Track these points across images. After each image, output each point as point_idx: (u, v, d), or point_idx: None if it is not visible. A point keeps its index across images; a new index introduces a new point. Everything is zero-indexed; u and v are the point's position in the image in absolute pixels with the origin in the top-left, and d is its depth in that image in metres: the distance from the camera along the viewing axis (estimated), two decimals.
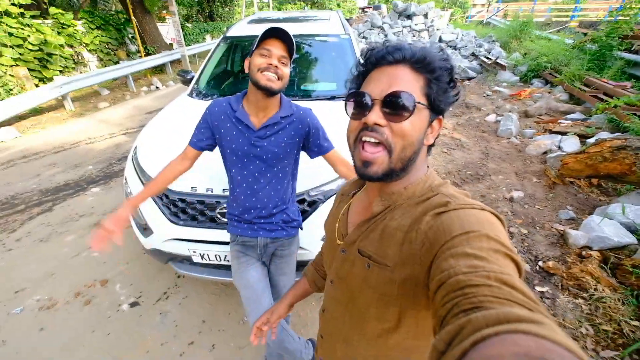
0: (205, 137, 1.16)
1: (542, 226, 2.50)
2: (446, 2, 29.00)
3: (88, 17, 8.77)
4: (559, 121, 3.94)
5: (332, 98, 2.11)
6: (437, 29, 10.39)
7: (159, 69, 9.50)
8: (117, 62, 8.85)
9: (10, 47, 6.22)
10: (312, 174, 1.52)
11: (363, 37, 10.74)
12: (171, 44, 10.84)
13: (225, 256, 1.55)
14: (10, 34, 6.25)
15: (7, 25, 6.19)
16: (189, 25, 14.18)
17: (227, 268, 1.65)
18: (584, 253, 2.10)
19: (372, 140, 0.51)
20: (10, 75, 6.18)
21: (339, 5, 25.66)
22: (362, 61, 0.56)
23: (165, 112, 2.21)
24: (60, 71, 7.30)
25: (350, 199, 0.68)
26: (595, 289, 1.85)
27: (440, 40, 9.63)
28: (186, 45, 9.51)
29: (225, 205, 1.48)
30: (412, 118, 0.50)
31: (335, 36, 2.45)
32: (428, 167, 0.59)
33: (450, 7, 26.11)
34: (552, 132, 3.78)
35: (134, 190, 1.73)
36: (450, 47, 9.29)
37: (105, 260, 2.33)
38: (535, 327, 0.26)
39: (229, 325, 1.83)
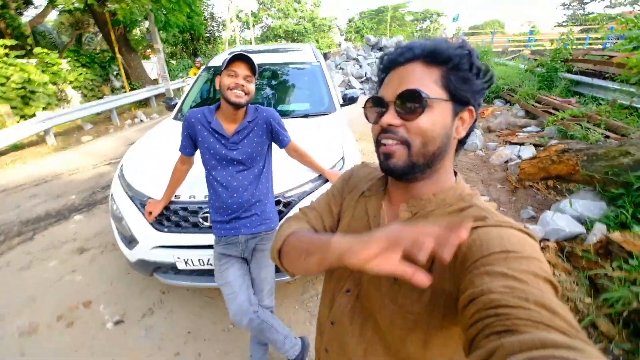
0: (189, 144, 1.34)
1: None
2: (416, 36, 31.62)
3: (73, 55, 9.06)
4: (517, 134, 4.35)
5: (306, 116, 2.35)
6: None
7: (144, 103, 9.73)
8: (101, 98, 9.03)
9: None
10: (287, 176, 1.69)
11: (340, 68, 11.55)
12: (156, 80, 11.20)
13: (208, 260, 1.65)
14: None
15: None
16: (174, 62, 14.77)
17: (211, 273, 1.73)
18: (542, 245, 2.30)
19: (390, 142, 0.51)
20: None
21: (317, 41, 27.41)
22: (379, 68, 0.57)
23: (151, 133, 2.37)
24: (43, 108, 7.38)
25: (379, 198, 0.62)
26: (553, 275, 2.03)
27: None
28: (170, 80, 9.88)
29: (207, 210, 1.61)
30: (428, 114, 0.49)
31: (307, 63, 2.75)
32: (456, 173, 0.57)
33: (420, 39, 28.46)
34: (511, 143, 4.16)
35: (120, 206, 1.83)
36: None
37: (89, 282, 2.33)
38: (573, 353, 0.24)
39: (214, 333, 1.86)
